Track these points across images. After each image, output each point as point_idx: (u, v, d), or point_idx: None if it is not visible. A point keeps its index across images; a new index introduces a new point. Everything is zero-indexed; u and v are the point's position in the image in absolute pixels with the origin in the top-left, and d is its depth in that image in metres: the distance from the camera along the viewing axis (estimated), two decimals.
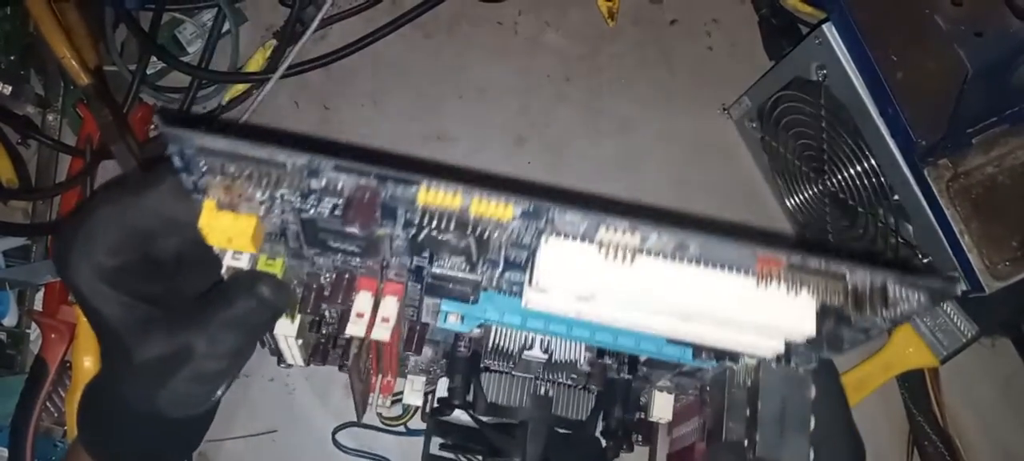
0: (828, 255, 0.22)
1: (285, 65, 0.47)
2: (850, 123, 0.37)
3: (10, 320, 0.49)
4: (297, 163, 0.21)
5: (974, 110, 0.34)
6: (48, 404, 0.48)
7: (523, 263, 0.24)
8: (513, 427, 0.34)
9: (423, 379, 0.39)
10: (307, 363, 0.35)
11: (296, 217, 0.24)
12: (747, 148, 0.50)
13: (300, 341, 0.33)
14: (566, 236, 0.22)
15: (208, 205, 0.24)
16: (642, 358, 0.31)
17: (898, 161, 0.35)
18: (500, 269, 0.25)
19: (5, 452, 0.46)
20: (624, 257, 0.22)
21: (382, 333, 0.27)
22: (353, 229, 0.22)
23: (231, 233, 0.24)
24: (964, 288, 0.34)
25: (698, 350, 0.28)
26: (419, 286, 0.28)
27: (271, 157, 0.21)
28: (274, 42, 0.48)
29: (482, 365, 0.34)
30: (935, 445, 0.44)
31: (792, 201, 0.46)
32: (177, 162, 0.22)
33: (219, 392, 0.30)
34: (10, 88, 0.47)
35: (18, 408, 0.46)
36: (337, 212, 0.23)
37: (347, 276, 0.28)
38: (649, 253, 0.22)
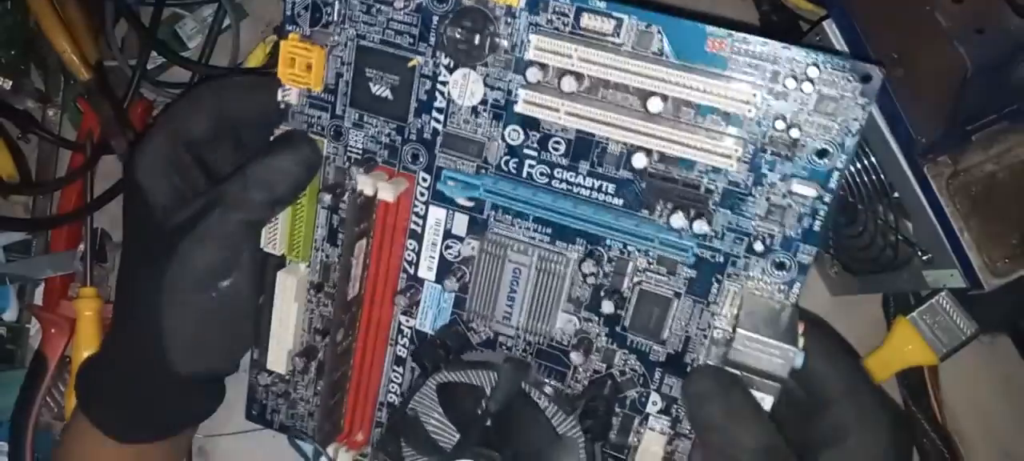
0: (766, 37, 0.28)
1: None
2: None
3: (10, 315, 0.49)
4: None
5: (974, 107, 0.34)
6: (48, 399, 0.48)
7: (519, 77, 0.30)
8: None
9: None
10: (289, 364, 0.35)
11: (354, 49, 0.31)
12: None
13: (296, 306, 0.34)
14: (555, 30, 0.29)
15: (293, 35, 0.31)
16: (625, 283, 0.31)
17: (898, 158, 0.35)
18: (503, 94, 0.30)
19: (5, 447, 0.47)
20: (603, 36, 0.29)
21: (387, 194, 0.32)
22: (405, 11, 0.30)
23: (302, 62, 0.31)
24: (963, 285, 0.34)
25: (673, 205, 0.30)
26: (428, 181, 0.32)
27: None
28: (275, 37, 0.48)
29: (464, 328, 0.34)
30: (934, 443, 0.44)
31: None
32: None
33: (225, 281, 0.31)
34: (10, 83, 0.47)
35: (18, 403, 0.46)
36: (388, 27, 0.31)
37: (371, 163, 0.33)
38: (621, 48, 0.29)
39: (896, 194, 0.36)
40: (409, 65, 0.31)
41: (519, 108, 0.30)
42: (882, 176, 0.37)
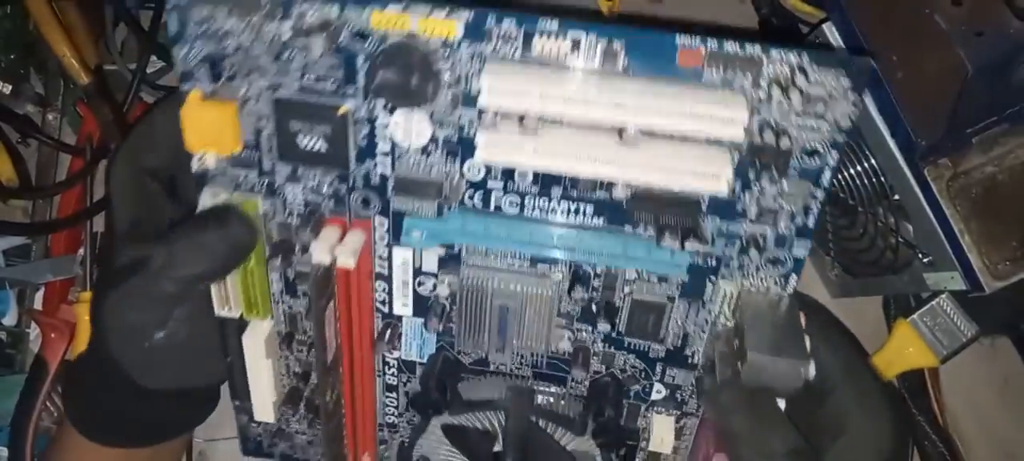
0: (742, 40, 0.25)
1: None
2: None
3: (10, 319, 0.49)
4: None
5: (974, 110, 0.34)
6: (48, 403, 0.47)
7: (472, 119, 0.27)
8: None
9: None
10: (277, 412, 0.34)
11: (270, 102, 0.27)
12: None
13: (270, 362, 0.32)
14: (505, 59, 0.25)
15: (193, 96, 0.26)
16: (618, 289, 0.30)
17: (898, 161, 0.35)
18: (454, 131, 0.27)
19: (5, 451, 0.46)
20: (560, 62, 0.25)
21: (347, 260, 0.28)
22: (323, 55, 0.25)
23: (211, 127, 0.26)
24: (963, 287, 0.35)
25: (659, 226, 0.28)
26: (386, 224, 0.29)
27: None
28: None
29: (456, 361, 0.33)
30: (935, 444, 0.44)
31: None
32: (174, 26, 0.25)
33: (159, 333, 0.30)
34: (10, 87, 0.47)
35: (18, 407, 0.46)
36: (306, 74, 0.26)
37: (316, 216, 0.29)
38: (582, 70, 0.25)
39: (896, 196, 0.36)
40: (338, 114, 0.27)
41: (481, 155, 0.26)
42: (882, 178, 0.37)
